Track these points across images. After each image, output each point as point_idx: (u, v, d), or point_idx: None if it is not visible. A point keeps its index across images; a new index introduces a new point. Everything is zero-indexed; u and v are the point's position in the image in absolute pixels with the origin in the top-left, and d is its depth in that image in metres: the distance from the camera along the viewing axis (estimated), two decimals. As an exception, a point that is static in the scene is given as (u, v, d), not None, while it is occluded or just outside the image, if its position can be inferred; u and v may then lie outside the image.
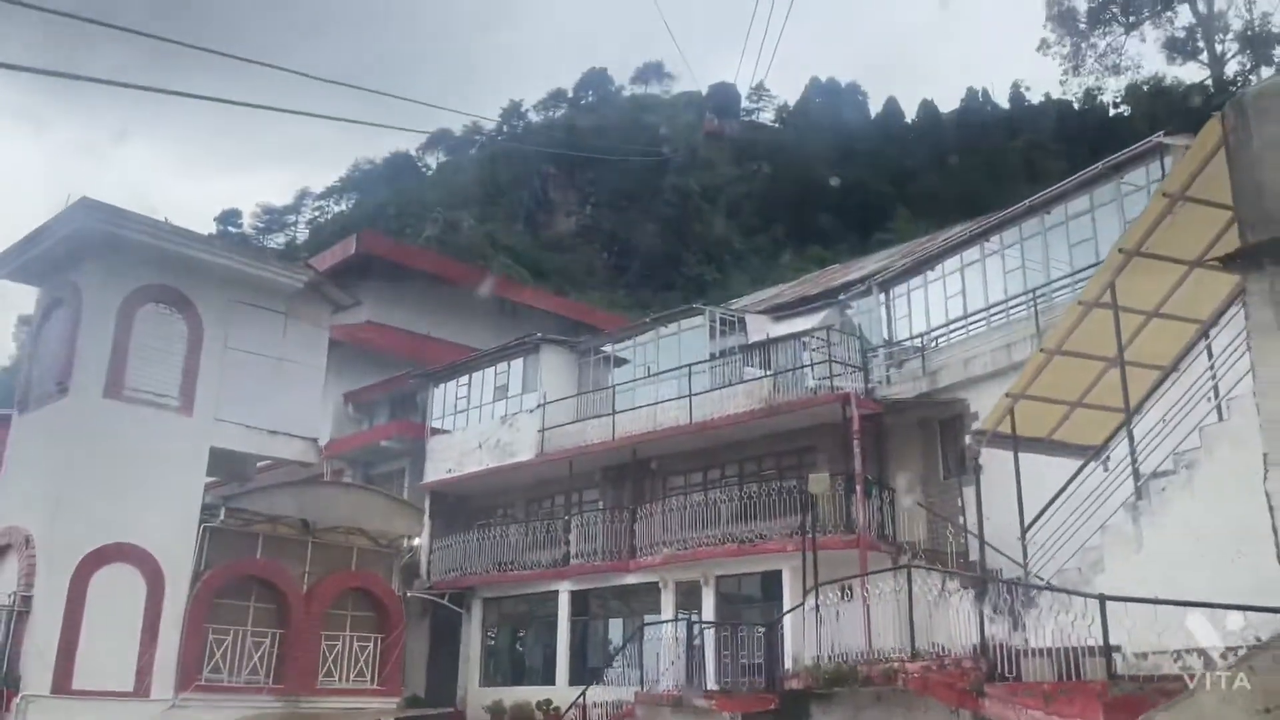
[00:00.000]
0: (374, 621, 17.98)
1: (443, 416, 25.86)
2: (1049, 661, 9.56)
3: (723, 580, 18.71)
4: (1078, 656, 9.36)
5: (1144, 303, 10.61)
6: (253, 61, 8.67)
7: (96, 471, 14.96)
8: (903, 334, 20.52)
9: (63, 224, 15.47)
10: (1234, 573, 8.27)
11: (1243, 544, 8.25)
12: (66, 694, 14.11)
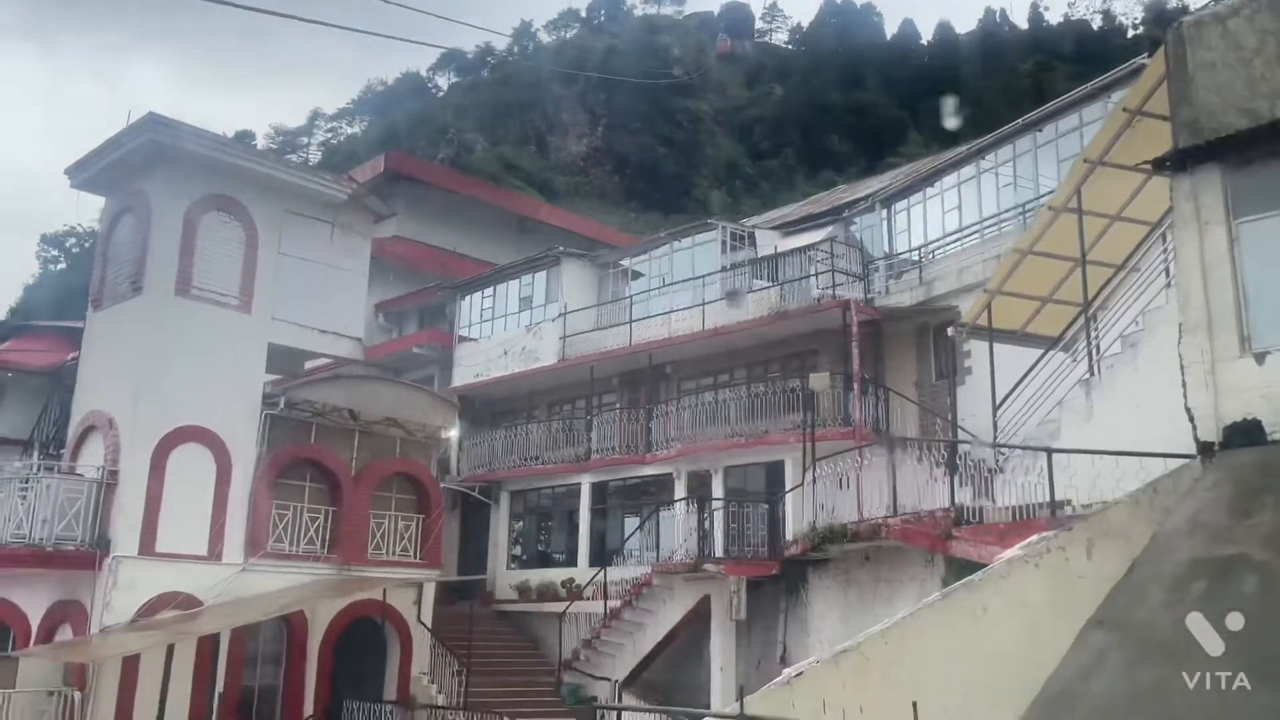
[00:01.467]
0: (415, 504, 19.86)
1: (469, 325, 27.50)
2: (1009, 515, 11.29)
3: (731, 471, 20.47)
4: (1033, 510, 11.08)
5: (1107, 207, 12.06)
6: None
7: (170, 362, 16.67)
8: (902, 247, 21.93)
9: (132, 137, 16.94)
10: (1167, 434, 9.87)
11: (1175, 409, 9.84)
12: (151, 555, 16.02)
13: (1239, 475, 7.61)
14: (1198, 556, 6.83)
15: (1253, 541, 6.76)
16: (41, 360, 29.96)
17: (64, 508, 15.62)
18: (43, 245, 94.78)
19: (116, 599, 15.49)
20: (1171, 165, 8.82)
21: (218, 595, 16.37)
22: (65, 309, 51.17)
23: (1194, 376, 8.31)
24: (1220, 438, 8.07)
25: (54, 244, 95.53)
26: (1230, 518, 7.12)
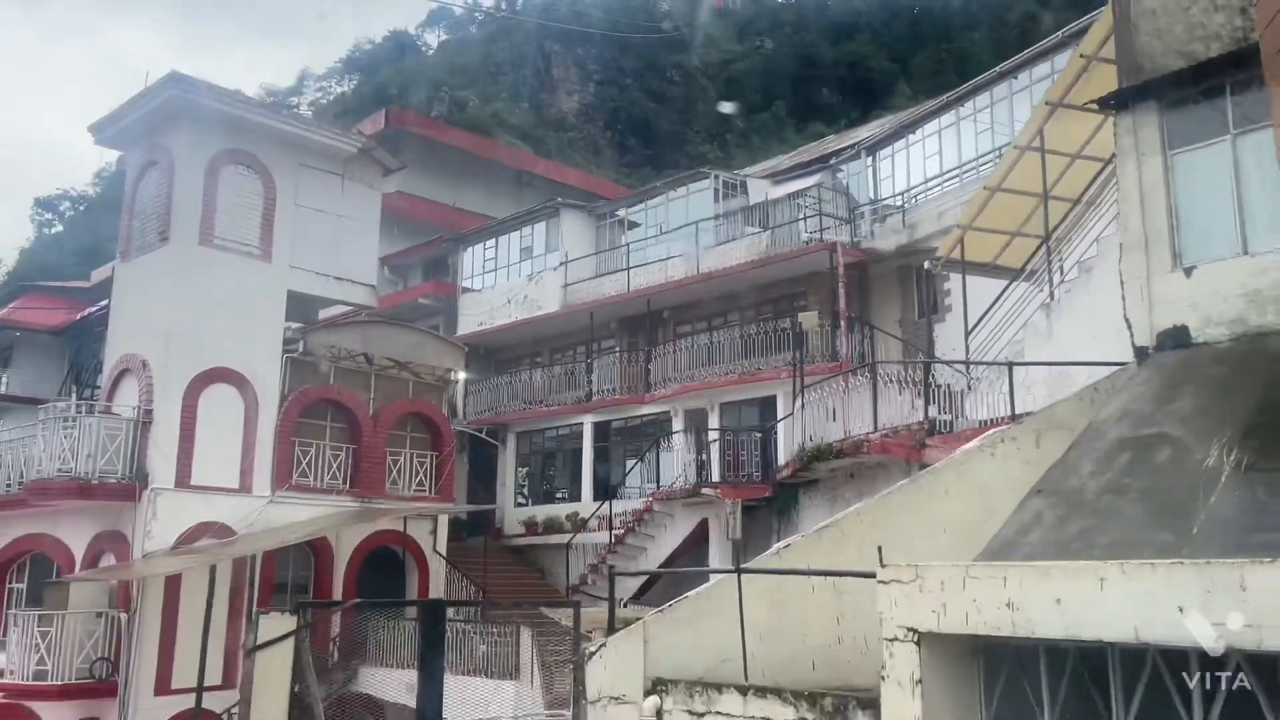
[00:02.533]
0: (429, 442, 21.04)
1: (472, 276, 28.56)
2: (978, 426, 12.48)
3: (726, 407, 21.68)
4: (998, 422, 12.25)
5: (1069, 146, 13.12)
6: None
7: (197, 307, 17.72)
8: (887, 193, 22.96)
9: (155, 95, 17.84)
10: (1116, 346, 11.03)
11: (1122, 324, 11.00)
12: (186, 488, 17.20)
13: (1165, 372, 8.78)
14: (1124, 436, 8.01)
15: (1170, 422, 7.94)
16: (48, 320, 30.96)
17: (105, 444, 16.74)
18: (36, 209, 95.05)
19: (156, 528, 16.69)
20: (1115, 104, 9.88)
21: (249, 525, 17.57)
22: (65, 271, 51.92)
23: (1132, 290, 9.44)
24: (1154, 343, 9.24)
25: (48, 207, 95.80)
26: (1154, 405, 8.30)
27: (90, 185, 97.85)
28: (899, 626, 6.45)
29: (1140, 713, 5.90)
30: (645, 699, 7.79)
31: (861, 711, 6.75)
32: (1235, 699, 5.58)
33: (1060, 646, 6.23)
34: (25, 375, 29.57)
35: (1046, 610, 5.83)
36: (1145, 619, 5.43)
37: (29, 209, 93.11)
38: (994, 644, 6.41)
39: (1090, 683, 6.10)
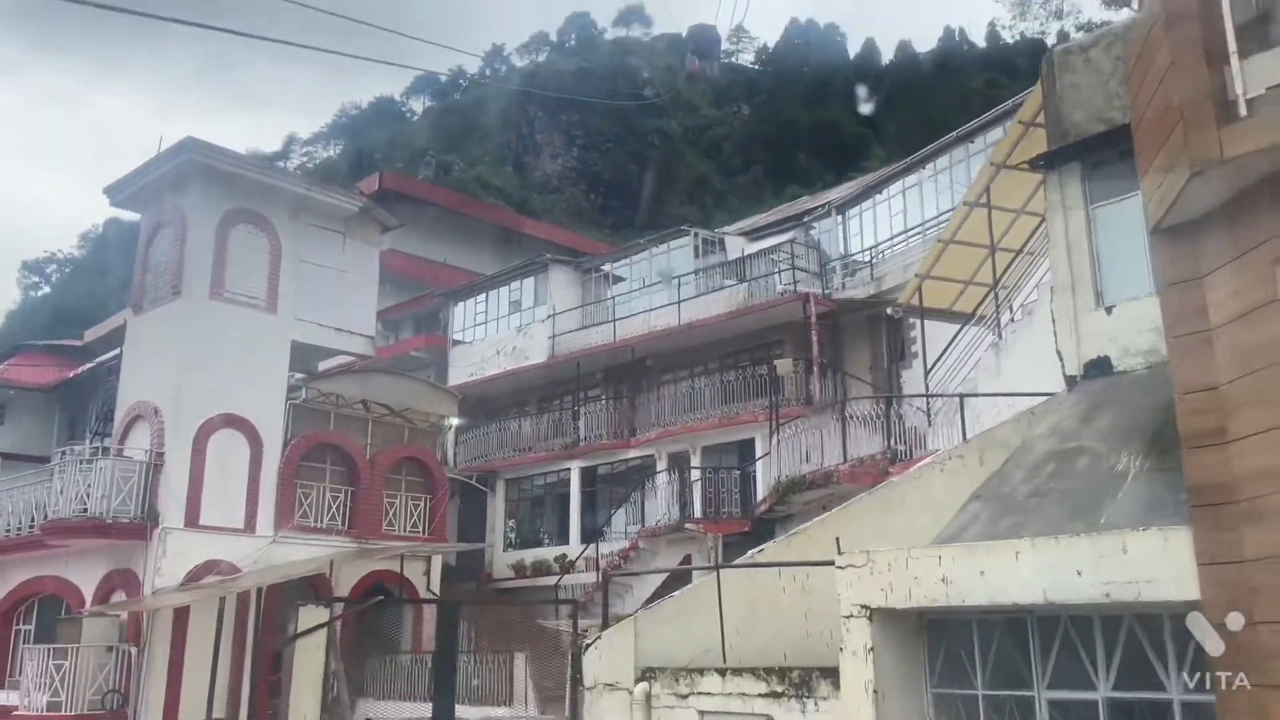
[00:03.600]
0: (423, 486, 21.99)
1: (463, 330, 29.73)
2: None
3: (707, 450, 22.79)
4: (956, 451, 13.43)
5: (1013, 203, 14.52)
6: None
7: (206, 357, 18.77)
8: (856, 248, 24.43)
9: (170, 158, 19.09)
10: (1055, 378, 12.29)
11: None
12: (194, 527, 18.07)
13: (1090, 397, 9.99)
14: (1050, 449, 9.19)
15: (1090, 437, 9.12)
16: (41, 378, 31.73)
17: (119, 485, 17.64)
18: (23, 272, 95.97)
19: (166, 565, 17.53)
20: (1045, 164, 11.25)
21: (253, 563, 18.42)
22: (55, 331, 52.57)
23: (1062, 326, 10.69)
24: (1081, 372, 10.45)
25: (35, 270, 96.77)
26: (1078, 424, 9.50)
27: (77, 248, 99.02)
28: (854, 604, 7.55)
29: (1054, 671, 7.01)
30: (636, 685, 8.79)
31: (824, 680, 7.81)
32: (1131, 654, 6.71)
33: (989, 619, 7.35)
34: (16, 432, 30.17)
35: (974, 582, 6.96)
36: (1051, 583, 6.57)
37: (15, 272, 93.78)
38: (935, 618, 7.52)
39: (1014, 649, 7.21)
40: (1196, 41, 5.77)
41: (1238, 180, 5.71)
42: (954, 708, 7.49)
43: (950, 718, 7.48)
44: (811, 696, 7.88)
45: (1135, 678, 6.66)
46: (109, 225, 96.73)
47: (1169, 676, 6.48)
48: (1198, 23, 5.80)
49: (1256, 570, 5.59)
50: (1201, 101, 5.68)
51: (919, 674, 7.61)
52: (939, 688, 7.59)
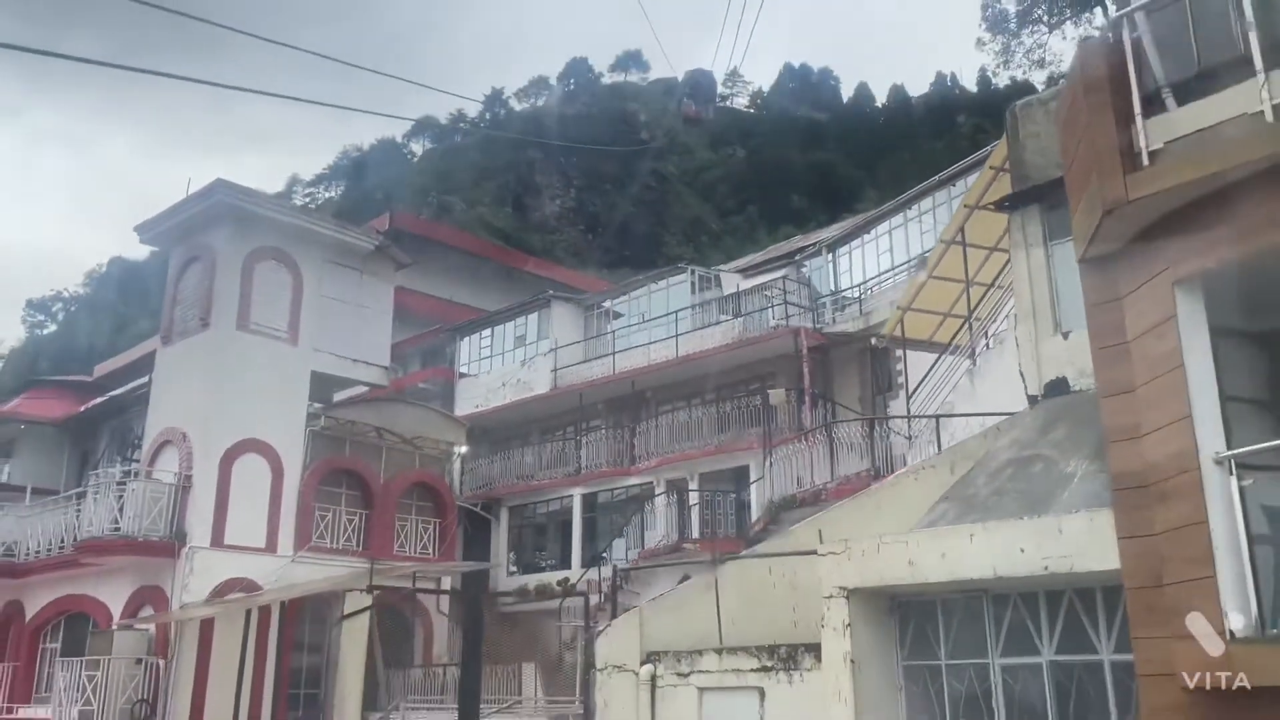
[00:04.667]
0: (432, 510, 23.06)
1: (469, 363, 30.90)
2: (917, 473, 14.76)
3: (704, 477, 23.82)
4: (935, 469, 14.56)
5: (987, 240, 15.76)
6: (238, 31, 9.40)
7: (233, 385, 19.90)
8: (846, 284, 25.71)
9: (200, 199, 20.37)
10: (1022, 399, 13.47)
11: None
12: (220, 547, 19.09)
13: (1048, 413, 11.15)
14: (1011, 458, 10.34)
15: (1046, 446, 10.28)
16: (51, 412, 32.68)
17: (149, 506, 18.68)
18: (28, 310, 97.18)
19: (193, 583, 18.53)
20: (1009, 205, 12.52)
21: (274, 581, 19.41)
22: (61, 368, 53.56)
23: (1025, 351, 11.89)
24: (1042, 392, 11.63)
25: (40, 308, 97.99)
26: (1036, 435, 10.65)
27: (82, 286, 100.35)
28: (834, 586, 8.66)
29: (1006, 641, 8.12)
30: (642, 666, 9.84)
31: (808, 654, 8.89)
32: (1070, 624, 7.83)
33: (950, 600, 8.47)
34: (27, 466, 30.86)
35: (935, 563, 8.09)
36: (1000, 560, 7.71)
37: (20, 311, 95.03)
38: (904, 598, 8.63)
39: (971, 624, 8.33)
40: (1107, 105, 7.03)
41: (1142, 218, 6.93)
42: (921, 676, 8.59)
43: (918, 685, 8.57)
44: (797, 669, 8.96)
45: (1073, 643, 7.79)
46: (113, 264, 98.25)
47: (1100, 640, 7.60)
48: (1108, 89, 7.06)
49: (1164, 542, 6.73)
50: (1111, 154, 6.92)
51: (891, 648, 8.71)
52: (908, 660, 8.69)
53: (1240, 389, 7.32)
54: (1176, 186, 6.57)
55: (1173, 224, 6.83)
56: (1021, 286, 12.14)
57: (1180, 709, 6.45)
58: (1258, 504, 6.54)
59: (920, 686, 8.54)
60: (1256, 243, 6.40)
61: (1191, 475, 6.47)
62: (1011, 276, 15.14)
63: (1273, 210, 6.31)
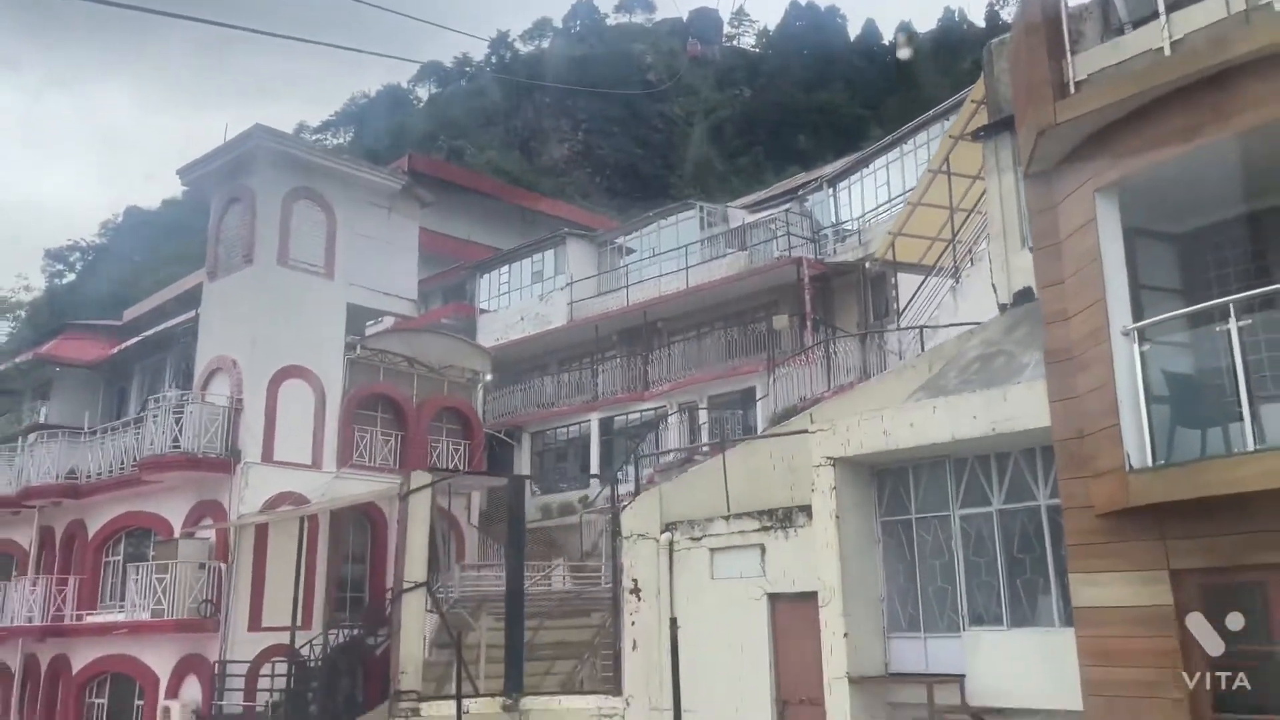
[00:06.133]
0: (461, 432, 24.78)
1: (489, 299, 32.49)
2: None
3: (714, 399, 25.51)
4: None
5: (970, 169, 17.16)
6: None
7: (276, 316, 21.51)
8: (846, 217, 27.10)
9: (239, 144, 21.81)
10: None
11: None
12: (270, 463, 20.85)
13: (1015, 317, 12.70)
14: (978, 354, 11.92)
15: (1009, 344, 11.85)
16: (85, 355, 34.26)
17: (205, 427, 20.43)
18: (47, 260, 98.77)
19: (248, 495, 20.32)
20: (984, 134, 13.94)
21: (320, 494, 21.23)
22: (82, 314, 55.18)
23: (997, 264, 13.40)
24: (1011, 300, 13.16)
25: (58, 258, 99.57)
26: (1002, 335, 12.22)
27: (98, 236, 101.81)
28: (822, 456, 10.31)
29: (964, 496, 9.78)
30: (661, 534, 11.54)
31: (800, 514, 10.58)
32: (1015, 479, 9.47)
33: (919, 465, 10.11)
34: (63, 407, 32.44)
35: (905, 432, 9.72)
36: (956, 426, 9.34)
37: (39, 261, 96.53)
38: (880, 464, 10.28)
39: (935, 483, 9.98)
40: (1042, 44, 8.49)
41: (1070, 138, 8.42)
42: (895, 529, 10.28)
43: (892, 536, 10.27)
44: (792, 526, 10.66)
45: (1017, 494, 9.45)
46: (128, 214, 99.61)
47: (1038, 489, 9.26)
48: (1043, 31, 8.51)
49: (1083, 401, 8.34)
50: (1044, 85, 8.40)
51: (870, 507, 10.39)
52: (885, 516, 10.38)
53: (1157, 280, 8.90)
54: (1095, 110, 8.05)
55: (1094, 143, 8.33)
56: (994, 207, 13.61)
57: (1096, 531, 8.12)
58: (1160, 369, 8.12)
59: (894, 538, 10.23)
60: (1158, 156, 7.91)
61: (1104, 347, 8.04)
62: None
63: (1172, 130, 7.80)
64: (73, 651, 22.85)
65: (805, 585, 10.31)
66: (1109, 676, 7.82)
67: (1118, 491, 7.70)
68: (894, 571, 10.20)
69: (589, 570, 17.49)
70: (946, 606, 9.75)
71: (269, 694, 19.24)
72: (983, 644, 9.30)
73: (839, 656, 9.75)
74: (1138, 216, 8.60)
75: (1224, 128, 7.46)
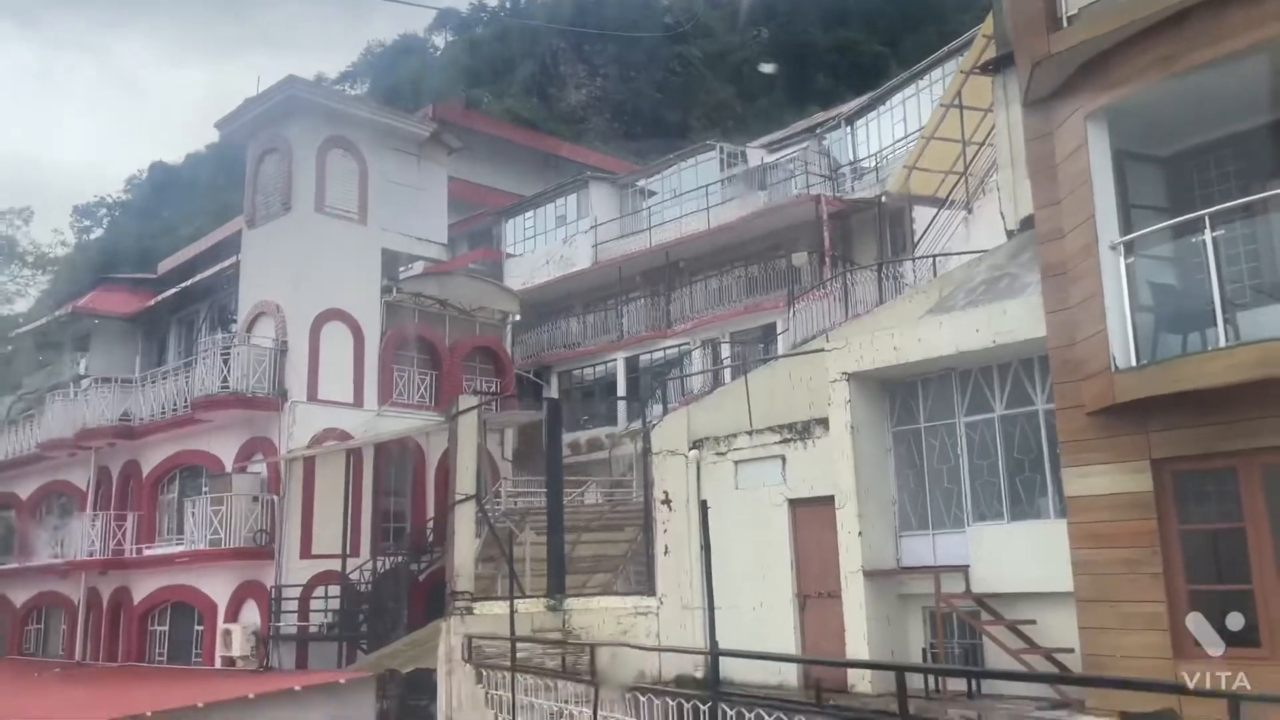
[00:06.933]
0: (493, 371, 25.82)
1: (514, 244, 33.30)
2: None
3: (735, 335, 26.33)
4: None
5: (981, 103, 17.72)
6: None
7: (315, 260, 22.47)
8: (863, 154, 27.60)
9: (274, 94, 22.60)
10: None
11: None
12: (315, 401, 21.96)
13: (1020, 242, 13.40)
14: (985, 278, 12.67)
15: (1014, 266, 12.58)
16: (123, 307, 35.35)
17: (253, 367, 21.52)
18: (75, 216, 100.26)
19: (296, 431, 21.47)
20: (993, 68, 14.52)
21: (362, 430, 22.34)
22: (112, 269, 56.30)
23: (1005, 193, 14.06)
24: (1018, 227, 13.86)
25: (86, 214, 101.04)
26: (1007, 259, 12.95)
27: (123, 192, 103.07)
28: (838, 372, 11.17)
29: (969, 404, 10.61)
30: (690, 450, 12.47)
31: (818, 426, 11.47)
32: (1015, 387, 10.29)
33: (927, 378, 10.94)
34: (102, 359, 33.58)
35: (914, 346, 10.55)
36: (960, 339, 10.15)
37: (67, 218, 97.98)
38: (890, 378, 11.11)
39: (942, 394, 10.82)
40: (1038, -20, 9.13)
41: (1063, 69, 9.10)
42: (906, 438, 11.16)
43: (903, 444, 11.15)
44: (810, 438, 11.55)
45: (1017, 400, 10.28)
46: (154, 169, 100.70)
47: (1036, 395, 10.08)
48: (1039, -31, 9.14)
49: (1075, 312, 9.13)
50: (1039, 18, 9.08)
51: (882, 417, 11.26)
52: (896, 426, 11.25)
53: (1146, 199, 9.64)
54: (1085, 41, 8.72)
55: (1085, 72, 9.02)
56: (1002, 138, 14.23)
57: (1086, 429, 8.96)
58: (1146, 281, 8.89)
59: (905, 446, 11.11)
60: (1144, 83, 8.60)
61: (1094, 260, 8.82)
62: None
63: (1156, 58, 8.48)
64: (133, 583, 24.28)
65: (823, 491, 11.22)
66: (1096, 557, 8.72)
67: (1104, 390, 8.52)
68: (904, 476, 11.09)
69: (622, 487, 18.62)
70: (952, 505, 10.65)
71: (323, 614, 20.58)
72: (985, 537, 10.20)
73: (854, 553, 10.69)
74: (1128, 141, 9.31)
75: (1205, 55, 8.12)
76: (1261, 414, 7.81)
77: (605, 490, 19.54)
